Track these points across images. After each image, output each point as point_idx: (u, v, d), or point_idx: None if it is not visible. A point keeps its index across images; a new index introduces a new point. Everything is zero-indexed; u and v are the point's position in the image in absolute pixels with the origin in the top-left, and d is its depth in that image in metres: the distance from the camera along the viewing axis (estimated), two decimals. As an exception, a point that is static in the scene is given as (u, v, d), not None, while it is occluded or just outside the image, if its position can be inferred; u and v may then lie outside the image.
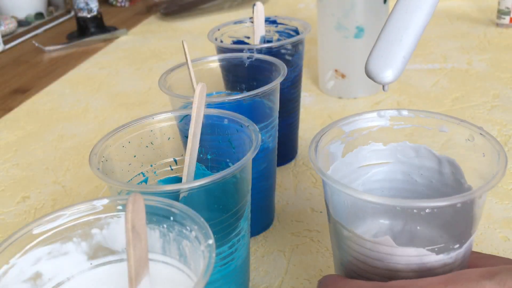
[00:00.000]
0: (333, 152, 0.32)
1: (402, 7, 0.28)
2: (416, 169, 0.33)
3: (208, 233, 0.23)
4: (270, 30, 0.54)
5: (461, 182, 0.31)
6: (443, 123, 0.32)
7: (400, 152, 0.34)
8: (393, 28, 0.29)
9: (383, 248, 0.27)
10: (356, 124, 0.32)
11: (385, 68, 0.28)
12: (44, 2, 1.29)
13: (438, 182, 0.33)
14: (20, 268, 0.25)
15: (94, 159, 0.31)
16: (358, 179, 0.34)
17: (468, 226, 0.27)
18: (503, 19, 0.86)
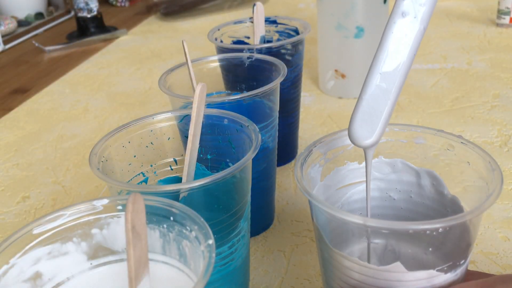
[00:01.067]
0: (313, 176, 0.31)
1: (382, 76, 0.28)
2: (393, 185, 0.33)
3: (208, 233, 0.23)
4: (270, 30, 0.54)
5: (443, 193, 0.31)
6: (419, 134, 0.32)
7: (375, 169, 0.33)
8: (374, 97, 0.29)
9: (393, 276, 0.26)
10: (331, 145, 0.32)
11: (368, 136, 0.28)
12: (44, 2, 1.29)
13: (418, 195, 0.32)
14: (20, 268, 0.25)
15: (94, 159, 0.31)
16: (338, 202, 0.33)
17: (472, 239, 0.27)
18: (503, 19, 0.86)
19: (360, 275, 0.27)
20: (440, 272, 0.26)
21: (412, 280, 0.26)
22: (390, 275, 0.26)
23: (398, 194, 0.32)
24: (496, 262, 0.38)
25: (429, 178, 0.32)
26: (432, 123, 0.58)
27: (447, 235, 0.27)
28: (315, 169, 0.31)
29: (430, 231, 0.25)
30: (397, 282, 0.26)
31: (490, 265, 0.38)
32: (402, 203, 0.33)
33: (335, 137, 0.31)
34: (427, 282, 0.26)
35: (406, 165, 0.33)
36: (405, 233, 0.28)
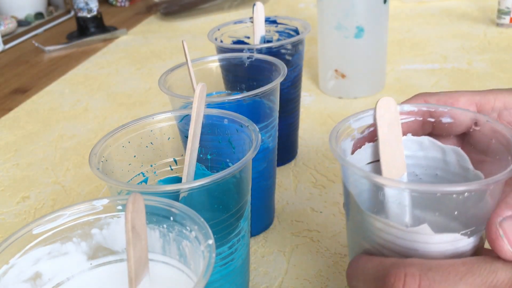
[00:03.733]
0: (344, 149, 0.32)
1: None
2: (420, 161, 0.33)
3: (208, 233, 0.23)
4: (270, 30, 0.54)
5: (468, 169, 0.31)
6: (446, 113, 0.32)
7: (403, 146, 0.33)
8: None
9: (420, 237, 0.27)
10: (364, 121, 0.32)
11: None
12: (44, 2, 1.29)
13: (443, 172, 0.33)
14: (20, 268, 0.25)
15: (94, 159, 0.31)
16: None
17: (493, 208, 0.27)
18: (503, 19, 0.86)
19: (390, 236, 0.28)
20: (463, 236, 0.27)
21: (438, 242, 0.27)
22: (418, 237, 0.27)
23: (424, 171, 0.33)
24: (496, 262, 0.38)
25: (454, 155, 0.32)
26: (432, 123, 0.58)
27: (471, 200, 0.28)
28: (347, 142, 0.32)
29: (457, 195, 0.27)
30: (423, 243, 0.27)
31: (490, 265, 0.38)
32: (428, 178, 0.33)
33: (368, 114, 0.32)
34: (451, 245, 0.27)
35: (433, 143, 0.33)
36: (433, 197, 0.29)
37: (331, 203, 0.46)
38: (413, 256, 0.28)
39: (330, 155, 0.54)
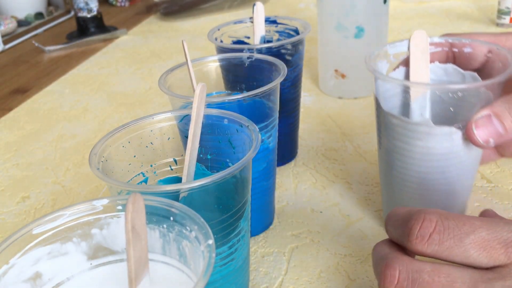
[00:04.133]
0: (379, 68, 0.39)
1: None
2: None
3: (208, 233, 0.23)
4: (270, 30, 0.54)
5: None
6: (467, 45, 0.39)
7: (431, 72, 0.40)
8: None
9: (424, 129, 0.35)
10: (399, 48, 0.40)
11: None
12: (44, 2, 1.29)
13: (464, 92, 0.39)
14: (20, 268, 0.25)
15: (94, 159, 0.31)
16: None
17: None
18: (503, 19, 0.86)
19: (402, 130, 0.36)
20: (458, 130, 0.34)
21: (438, 134, 0.35)
22: (423, 128, 0.35)
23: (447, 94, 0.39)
24: (496, 262, 0.38)
25: (472, 79, 0.38)
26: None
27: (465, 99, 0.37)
28: (382, 64, 0.40)
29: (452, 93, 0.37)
30: (427, 134, 0.35)
31: (490, 265, 0.38)
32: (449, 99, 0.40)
33: (403, 43, 0.40)
34: (448, 137, 0.35)
35: (455, 69, 0.39)
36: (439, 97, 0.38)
37: (331, 203, 0.46)
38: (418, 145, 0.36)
39: (330, 155, 0.54)
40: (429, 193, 0.38)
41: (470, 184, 0.39)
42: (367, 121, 0.60)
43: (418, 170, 0.37)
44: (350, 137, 0.57)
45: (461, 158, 0.36)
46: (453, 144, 0.35)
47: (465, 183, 0.38)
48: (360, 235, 0.42)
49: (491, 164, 0.49)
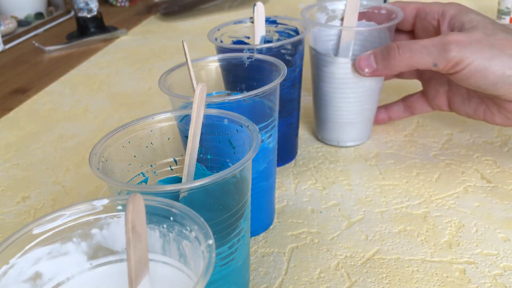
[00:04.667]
0: (318, 18, 0.55)
1: None
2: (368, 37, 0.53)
3: (208, 233, 0.23)
4: (270, 30, 0.54)
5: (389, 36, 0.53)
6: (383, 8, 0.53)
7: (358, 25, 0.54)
8: None
9: (328, 58, 0.51)
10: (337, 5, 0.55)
11: None
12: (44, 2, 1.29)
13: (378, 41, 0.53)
14: (20, 268, 0.25)
15: (94, 159, 0.31)
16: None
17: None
18: (503, 19, 0.86)
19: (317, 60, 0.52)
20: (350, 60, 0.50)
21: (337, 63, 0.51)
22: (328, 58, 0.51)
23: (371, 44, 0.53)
24: (496, 263, 0.38)
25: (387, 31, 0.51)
26: (432, 123, 0.58)
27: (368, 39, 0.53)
28: (322, 15, 0.55)
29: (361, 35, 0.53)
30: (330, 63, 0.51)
31: (490, 265, 0.38)
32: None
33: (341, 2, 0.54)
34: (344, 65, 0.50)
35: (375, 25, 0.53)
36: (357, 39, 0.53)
37: (331, 204, 0.46)
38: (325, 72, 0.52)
39: (330, 156, 0.54)
40: (335, 108, 0.53)
41: (368, 109, 0.53)
42: (367, 121, 0.60)
43: (327, 90, 0.53)
44: (350, 137, 0.57)
45: (356, 83, 0.51)
46: (347, 71, 0.50)
47: (362, 107, 0.53)
48: (360, 235, 0.42)
49: (491, 164, 0.49)
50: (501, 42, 0.42)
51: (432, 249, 0.40)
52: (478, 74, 0.43)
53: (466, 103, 0.49)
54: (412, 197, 0.46)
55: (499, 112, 0.47)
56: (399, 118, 0.57)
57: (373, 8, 0.53)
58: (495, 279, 0.36)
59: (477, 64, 0.42)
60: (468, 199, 0.45)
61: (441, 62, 0.44)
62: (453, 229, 0.42)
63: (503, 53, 0.42)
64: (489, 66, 0.42)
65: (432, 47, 0.44)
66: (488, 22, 0.45)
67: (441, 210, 0.44)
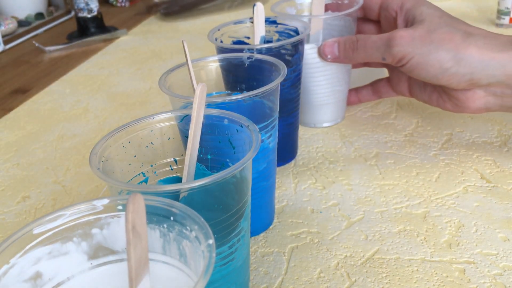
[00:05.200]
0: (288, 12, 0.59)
1: None
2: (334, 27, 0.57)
3: (208, 233, 0.23)
4: (270, 30, 0.54)
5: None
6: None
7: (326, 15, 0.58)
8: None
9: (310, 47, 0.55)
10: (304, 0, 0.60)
11: None
12: (44, 2, 1.29)
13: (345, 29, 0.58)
14: (20, 268, 0.25)
15: (94, 159, 0.31)
16: None
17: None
18: (503, 19, 0.86)
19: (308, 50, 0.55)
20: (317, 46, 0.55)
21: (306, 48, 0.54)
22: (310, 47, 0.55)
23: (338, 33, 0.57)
24: (496, 263, 0.38)
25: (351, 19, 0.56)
26: (432, 123, 0.58)
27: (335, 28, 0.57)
28: (292, 9, 0.60)
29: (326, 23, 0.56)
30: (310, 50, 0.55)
31: (490, 265, 0.38)
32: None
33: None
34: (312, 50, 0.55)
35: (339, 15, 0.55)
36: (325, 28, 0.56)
37: (331, 203, 0.46)
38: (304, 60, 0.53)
39: (330, 156, 0.54)
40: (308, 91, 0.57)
41: (339, 90, 0.58)
42: (367, 121, 0.60)
43: (303, 74, 0.55)
44: (350, 137, 0.57)
45: (324, 66, 0.55)
46: (315, 55, 0.54)
47: (333, 88, 0.57)
48: (360, 235, 0.42)
49: (490, 164, 0.50)
50: (442, 37, 0.46)
51: (432, 249, 0.40)
52: (419, 67, 0.47)
53: (422, 90, 0.53)
54: (412, 197, 0.46)
55: (449, 100, 0.50)
56: (368, 101, 0.61)
57: (337, 0, 0.59)
58: (494, 279, 0.36)
59: (417, 59, 0.46)
60: (468, 199, 0.45)
61: (387, 57, 0.48)
62: (453, 229, 0.42)
63: (440, 48, 0.45)
64: (428, 60, 0.46)
65: (381, 42, 0.48)
66: (437, 15, 0.49)
67: (441, 210, 0.44)
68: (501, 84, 0.45)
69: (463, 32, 0.46)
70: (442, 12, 0.50)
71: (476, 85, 0.46)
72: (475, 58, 0.44)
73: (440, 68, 0.46)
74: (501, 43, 0.45)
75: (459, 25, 0.47)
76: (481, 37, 0.45)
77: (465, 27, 0.47)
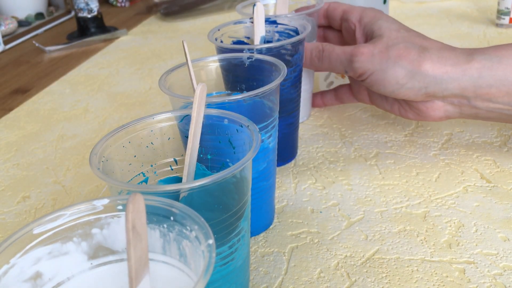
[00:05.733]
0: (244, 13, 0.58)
1: None
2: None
3: (208, 233, 0.23)
4: (270, 30, 0.54)
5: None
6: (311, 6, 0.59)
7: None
8: None
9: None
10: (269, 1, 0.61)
11: None
12: (44, 2, 1.29)
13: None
14: (20, 268, 0.25)
15: (94, 159, 0.31)
16: None
17: None
18: (502, 19, 0.86)
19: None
20: None
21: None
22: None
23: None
24: (496, 263, 0.38)
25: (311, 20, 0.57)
26: (432, 123, 0.58)
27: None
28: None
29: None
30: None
31: (490, 265, 0.38)
32: None
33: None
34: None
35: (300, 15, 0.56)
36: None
37: (331, 203, 0.46)
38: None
39: (330, 155, 0.54)
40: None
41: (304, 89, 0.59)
42: (367, 121, 0.60)
43: None
44: (350, 137, 0.57)
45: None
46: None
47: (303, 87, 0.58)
48: (360, 235, 0.42)
49: (490, 164, 0.50)
50: (398, 53, 0.47)
51: (432, 249, 0.40)
52: (377, 83, 0.48)
53: (384, 101, 0.54)
54: (411, 197, 0.46)
55: (410, 109, 0.51)
56: (331, 105, 0.63)
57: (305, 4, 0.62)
58: (494, 279, 0.36)
59: (376, 75, 0.48)
60: (468, 199, 0.45)
61: (349, 71, 0.50)
62: (453, 229, 0.42)
63: (397, 65, 0.47)
64: (385, 77, 0.47)
65: (344, 57, 0.50)
66: (394, 29, 0.49)
67: (441, 210, 0.44)
68: (457, 96, 0.46)
69: (419, 47, 0.47)
70: (399, 26, 0.50)
71: (433, 97, 0.47)
72: (429, 73, 0.46)
73: (396, 84, 0.47)
74: (455, 56, 0.46)
75: (415, 40, 0.48)
76: (436, 51, 0.46)
77: (421, 41, 0.48)
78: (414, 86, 0.46)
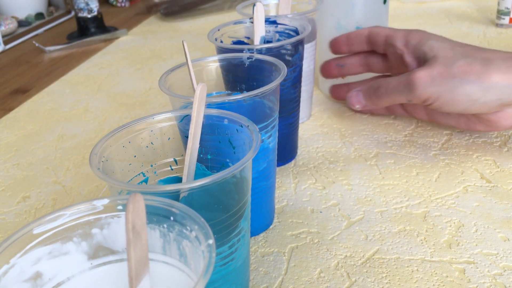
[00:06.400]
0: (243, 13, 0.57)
1: None
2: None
3: (208, 233, 0.23)
4: (270, 30, 0.54)
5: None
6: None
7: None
8: None
9: None
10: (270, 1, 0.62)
11: None
12: (44, 2, 1.29)
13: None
14: (20, 268, 0.25)
15: (95, 159, 0.31)
16: None
17: None
18: (502, 19, 0.86)
19: None
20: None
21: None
22: None
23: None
24: (496, 263, 0.38)
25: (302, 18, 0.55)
26: (432, 123, 0.58)
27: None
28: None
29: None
30: None
31: (490, 265, 0.38)
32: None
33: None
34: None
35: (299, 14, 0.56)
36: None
37: (331, 203, 0.46)
38: None
39: (330, 156, 0.54)
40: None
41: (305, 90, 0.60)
42: (367, 121, 0.60)
43: None
44: (350, 137, 0.57)
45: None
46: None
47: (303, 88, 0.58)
48: (360, 235, 0.42)
49: (490, 164, 0.50)
50: (462, 69, 0.45)
51: (432, 249, 0.40)
52: (447, 104, 0.46)
53: (446, 116, 0.52)
54: (411, 197, 0.46)
55: (480, 122, 0.50)
56: (380, 114, 0.61)
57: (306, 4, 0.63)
58: (494, 279, 0.36)
59: (443, 97, 0.46)
60: (468, 199, 0.45)
61: (413, 99, 0.48)
62: (453, 229, 0.42)
63: (464, 81, 0.45)
64: (454, 96, 0.45)
65: (402, 87, 0.48)
66: (448, 48, 0.48)
67: (441, 210, 0.44)
68: None
69: (481, 59, 0.46)
70: (451, 43, 0.49)
71: (506, 106, 0.46)
72: (502, 84, 0.44)
73: (469, 101, 0.45)
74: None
75: (474, 53, 0.47)
76: (501, 60, 0.45)
77: (480, 54, 0.46)
78: (488, 100, 0.45)
